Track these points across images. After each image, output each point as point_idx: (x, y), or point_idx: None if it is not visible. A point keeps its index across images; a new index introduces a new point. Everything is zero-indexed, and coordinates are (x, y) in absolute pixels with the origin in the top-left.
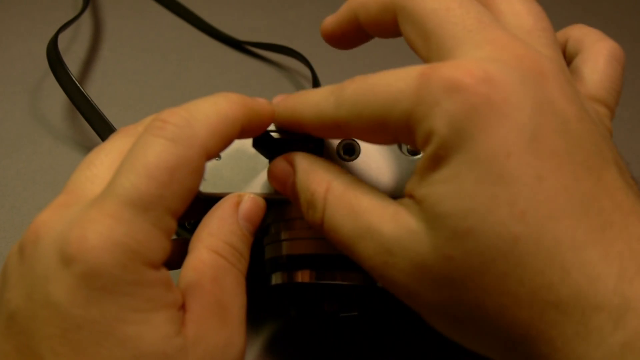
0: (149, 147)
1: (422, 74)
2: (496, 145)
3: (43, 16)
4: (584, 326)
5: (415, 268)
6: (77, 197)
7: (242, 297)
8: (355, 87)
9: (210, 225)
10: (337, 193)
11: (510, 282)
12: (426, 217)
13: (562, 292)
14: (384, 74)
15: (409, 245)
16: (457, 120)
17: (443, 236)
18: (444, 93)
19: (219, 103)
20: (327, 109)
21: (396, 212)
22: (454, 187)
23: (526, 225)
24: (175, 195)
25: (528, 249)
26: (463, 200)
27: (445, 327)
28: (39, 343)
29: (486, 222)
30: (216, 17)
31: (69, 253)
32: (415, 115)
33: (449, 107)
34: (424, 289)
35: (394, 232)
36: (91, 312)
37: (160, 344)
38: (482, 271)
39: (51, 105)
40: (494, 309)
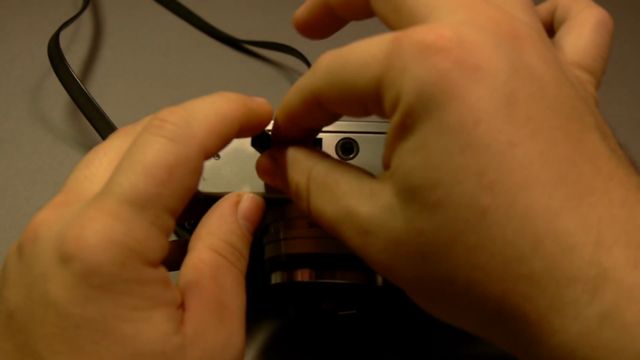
0: (147, 145)
1: (394, 39)
2: (465, 113)
3: (43, 15)
4: (558, 299)
5: (391, 244)
6: (76, 196)
7: (242, 296)
8: (330, 57)
9: (210, 225)
10: (318, 180)
11: (481, 255)
12: (398, 190)
13: (535, 264)
14: (359, 42)
15: (384, 222)
16: (426, 86)
17: (414, 209)
18: (414, 57)
19: (218, 102)
20: (306, 82)
21: (372, 192)
22: (421, 158)
23: (495, 196)
24: (174, 194)
25: (497, 220)
26: (431, 172)
27: (423, 302)
28: (37, 341)
29: (454, 193)
30: (216, 16)
31: (67, 251)
32: (384, 80)
33: (418, 72)
34: (400, 265)
35: (370, 212)
36: (89, 310)
37: (158, 342)
38: (451, 244)
39: (51, 105)
40: (465, 284)
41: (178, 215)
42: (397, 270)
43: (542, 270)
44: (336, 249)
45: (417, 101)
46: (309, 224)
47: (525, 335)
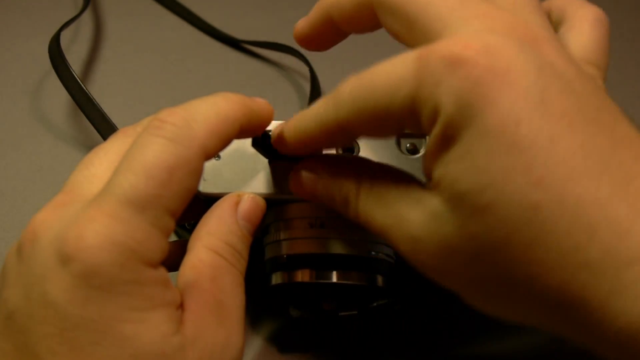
0: (147, 146)
1: (419, 57)
2: (504, 115)
3: (43, 16)
4: (618, 282)
5: (443, 250)
6: (76, 196)
7: (241, 296)
8: (352, 86)
9: (209, 225)
10: (368, 188)
11: (537, 249)
12: (446, 198)
13: (592, 252)
14: (379, 65)
15: (434, 229)
16: (463, 95)
17: (464, 215)
18: (445, 70)
19: (218, 103)
20: (328, 114)
21: (420, 198)
22: (468, 164)
23: (545, 191)
24: (174, 195)
25: (550, 214)
26: (478, 176)
27: (480, 302)
28: (36, 342)
29: (504, 193)
30: (216, 17)
31: (67, 252)
32: (418, 97)
33: (453, 83)
34: (454, 269)
35: (419, 219)
36: (89, 311)
37: (158, 343)
38: (506, 243)
39: (51, 105)
40: (524, 280)
41: (178, 216)
42: (450, 275)
43: (599, 257)
44: (337, 249)
45: (456, 111)
46: (310, 224)
47: (588, 322)
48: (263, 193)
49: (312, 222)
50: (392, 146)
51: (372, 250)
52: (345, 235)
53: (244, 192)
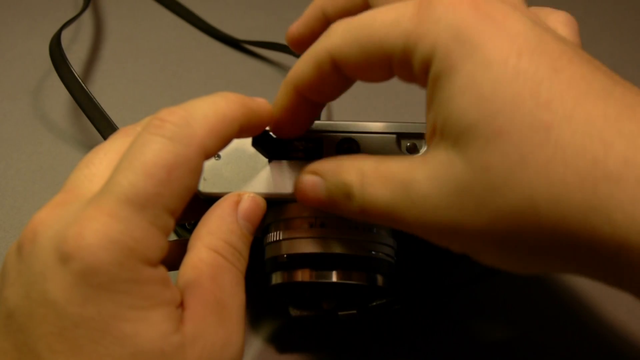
0: (147, 145)
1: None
2: (507, 47)
3: (43, 16)
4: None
5: (456, 196)
6: (75, 195)
7: (241, 296)
8: (348, 20)
9: (210, 224)
10: (371, 173)
11: (555, 168)
12: (453, 138)
13: (609, 164)
14: (382, 4)
15: (444, 176)
16: (463, 29)
17: (475, 148)
18: (447, 8)
19: (218, 102)
20: (320, 45)
21: (423, 158)
22: (473, 93)
23: (555, 112)
24: (173, 194)
25: (563, 132)
26: (486, 104)
27: (501, 253)
28: (36, 341)
29: (515, 117)
30: (216, 17)
31: (66, 251)
32: (415, 35)
33: (453, 18)
34: (471, 217)
35: (427, 174)
36: (88, 310)
37: (158, 342)
38: (523, 166)
39: (51, 105)
40: (546, 203)
41: (178, 215)
42: (468, 225)
43: (618, 168)
44: (337, 249)
45: (456, 44)
46: (309, 224)
47: (614, 239)
48: (263, 193)
49: (312, 221)
50: (392, 146)
51: (372, 250)
52: (346, 235)
53: (244, 192)
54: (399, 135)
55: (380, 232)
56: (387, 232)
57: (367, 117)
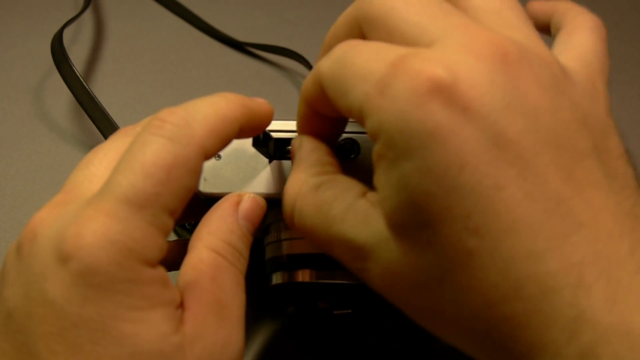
0: (146, 145)
1: (394, 64)
2: (449, 157)
3: (43, 16)
4: (539, 338)
5: (388, 273)
6: (75, 195)
7: (241, 296)
8: (343, 49)
9: (210, 225)
10: (307, 197)
11: (468, 294)
12: (388, 223)
13: (517, 306)
14: (368, 46)
15: (380, 253)
16: (411, 124)
17: (407, 244)
18: (406, 92)
19: (218, 103)
20: (317, 67)
21: (366, 217)
22: (405, 198)
23: (481, 239)
24: (172, 194)
25: (483, 263)
26: (417, 214)
27: (422, 323)
28: (36, 341)
29: (441, 235)
30: (216, 17)
31: (65, 251)
32: (369, 103)
33: (406, 107)
34: (397, 291)
35: (366, 240)
36: (87, 310)
37: (157, 342)
38: (442, 281)
39: (52, 105)
40: (453, 318)
41: (177, 215)
42: (394, 295)
43: (523, 312)
44: None
45: (400, 138)
46: None
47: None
48: (263, 193)
49: None
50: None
51: None
52: None
53: (244, 192)
54: None
55: None
56: None
57: None
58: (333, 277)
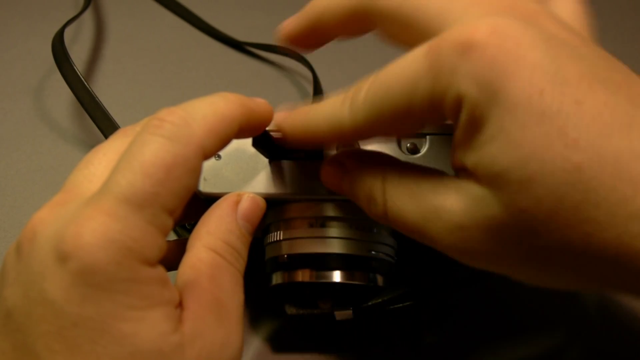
0: (145, 145)
1: (429, 50)
2: (527, 87)
3: (44, 16)
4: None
5: (492, 233)
6: (75, 195)
7: (240, 295)
8: (367, 89)
9: (209, 224)
10: (395, 181)
11: (587, 208)
12: (486, 181)
13: (638, 202)
14: (391, 65)
15: (480, 213)
16: (481, 76)
17: (509, 192)
18: (459, 56)
19: (217, 103)
20: (343, 119)
21: (458, 187)
22: (503, 141)
23: (583, 151)
24: (172, 193)
25: (593, 172)
26: (516, 150)
27: (535, 277)
28: (34, 341)
29: (546, 161)
30: (216, 17)
31: (64, 250)
32: (437, 89)
33: (469, 67)
34: (505, 250)
35: (462, 206)
36: (86, 309)
37: (156, 341)
38: (557, 209)
39: (52, 105)
40: (580, 241)
41: (177, 215)
42: (503, 257)
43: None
44: (337, 249)
45: (479, 93)
46: (309, 224)
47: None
48: (263, 193)
49: (312, 221)
50: (393, 146)
51: (373, 249)
52: (346, 235)
53: (243, 192)
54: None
55: (381, 232)
56: (387, 231)
57: None
58: (333, 277)
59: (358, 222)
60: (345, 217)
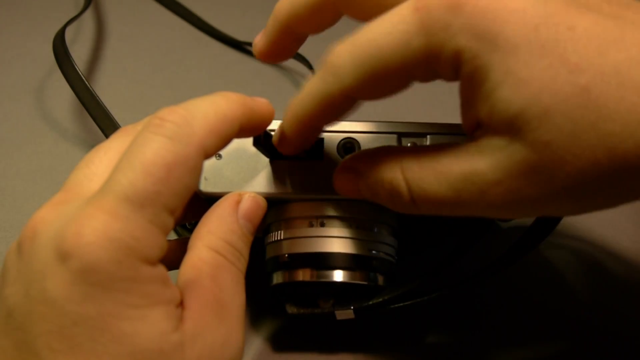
0: (146, 144)
1: (416, 8)
2: (522, 27)
3: (44, 16)
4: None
5: (526, 176)
6: (75, 194)
7: (241, 295)
8: (350, 51)
9: (210, 224)
10: (414, 166)
11: (603, 124)
12: (505, 128)
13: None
14: (374, 26)
15: (509, 162)
16: (477, 27)
17: (530, 130)
18: (451, 13)
19: (218, 102)
20: (329, 87)
21: (478, 147)
22: (512, 82)
23: (587, 72)
24: (172, 193)
25: (599, 89)
26: (527, 88)
27: (576, 206)
28: (35, 339)
29: (557, 91)
30: (216, 17)
31: (65, 249)
32: (432, 46)
33: (463, 21)
34: (542, 189)
35: (490, 163)
36: (87, 308)
37: (156, 340)
38: (578, 133)
39: (52, 105)
40: (605, 158)
41: (178, 214)
42: (542, 196)
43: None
44: (337, 248)
45: (478, 43)
46: (310, 223)
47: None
48: (264, 192)
49: (312, 221)
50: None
51: (373, 249)
52: (346, 234)
53: (244, 192)
54: (400, 135)
55: (381, 231)
56: (387, 231)
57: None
58: (334, 277)
59: (358, 221)
60: (345, 217)
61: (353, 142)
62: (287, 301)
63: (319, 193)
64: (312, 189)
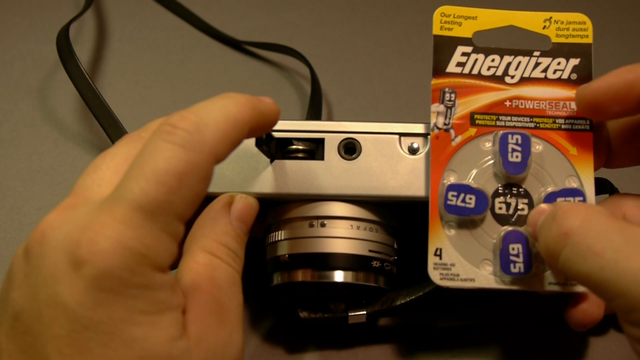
0: (158, 152)
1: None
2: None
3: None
4: None
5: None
6: (84, 199)
7: (239, 295)
8: None
9: (203, 227)
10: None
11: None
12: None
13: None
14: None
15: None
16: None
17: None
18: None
19: (228, 106)
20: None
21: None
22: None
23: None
24: (184, 201)
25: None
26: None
27: None
28: (44, 343)
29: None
30: (216, 17)
31: (79, 256)
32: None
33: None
34: None
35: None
36: (99, 313)
37: (166, 346)
38: None
39: (52, 105)
40: None
41: (188, 220)
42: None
43: None
44: (337, 249)
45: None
46: (311, 223)
47: None
48: (265, 192)
49: (313, 221)
50: (393, 146)
51: (373, 249)
52: (346, 235)
53: (236, 193)
54: (400, 135)
55: (381, 232)
56: (387, 231)
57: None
58: (334, 277)
59: (359, 221)
60: (345, 217)
61: (354, 143)
62: (298, 306)
63: (319, 194)
64: (313, 189)
